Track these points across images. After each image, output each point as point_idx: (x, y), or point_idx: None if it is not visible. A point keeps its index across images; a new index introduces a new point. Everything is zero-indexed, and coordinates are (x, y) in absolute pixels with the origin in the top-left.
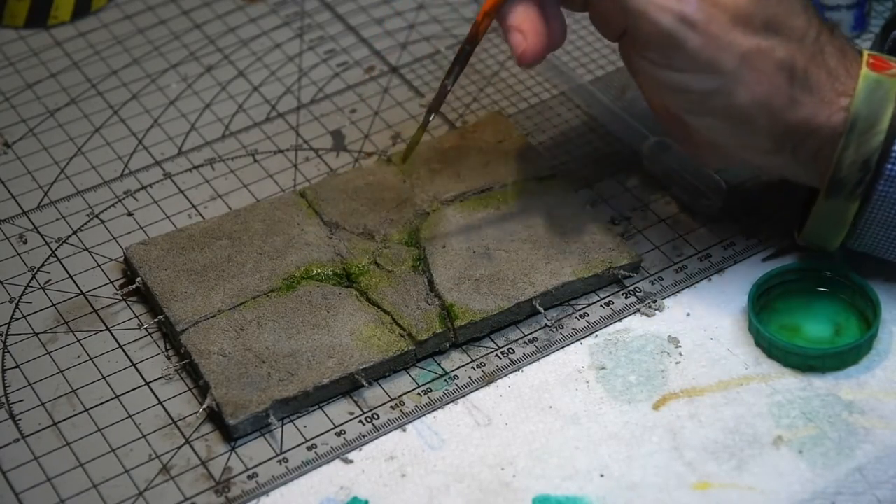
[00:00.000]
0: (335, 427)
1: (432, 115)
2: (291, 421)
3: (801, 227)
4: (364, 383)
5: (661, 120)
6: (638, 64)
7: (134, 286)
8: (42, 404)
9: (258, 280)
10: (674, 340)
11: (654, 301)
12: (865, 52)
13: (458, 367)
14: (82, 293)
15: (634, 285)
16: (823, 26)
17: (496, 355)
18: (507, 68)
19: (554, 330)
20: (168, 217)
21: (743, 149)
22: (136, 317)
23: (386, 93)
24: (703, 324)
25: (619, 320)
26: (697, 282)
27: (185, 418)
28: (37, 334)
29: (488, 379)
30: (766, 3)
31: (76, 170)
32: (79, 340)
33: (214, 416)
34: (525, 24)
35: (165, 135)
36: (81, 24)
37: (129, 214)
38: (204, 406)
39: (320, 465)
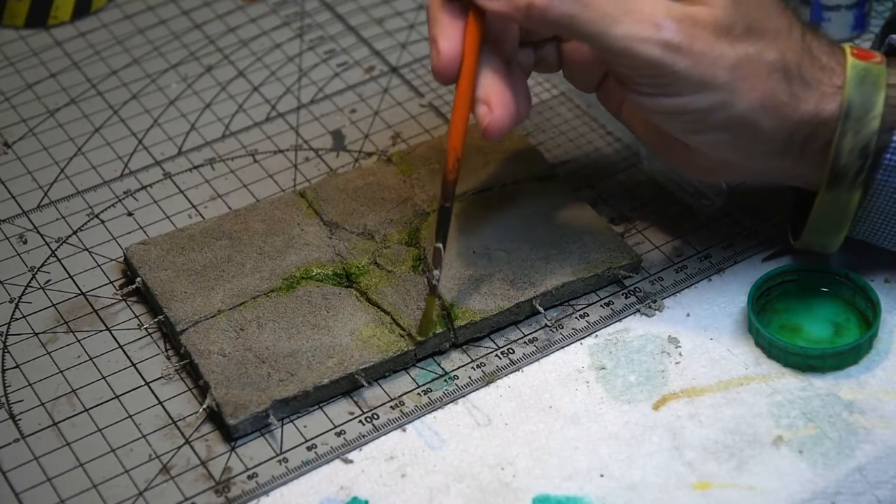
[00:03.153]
0: (335, 427)
1: (437, 277)
2: (291, 421)
3: (795, 233)
4: (364, 383)
5: (660, 152)
6: (630, 99)
7: (134, 286)
8: (42, 404)
9: (258, 280)
10: (674, 340)
11: (654, 301)
12: (847, 46)
13: (458, 367)
14: (82, 293)
15: (634, 285)
16: (805, 26)
17: (496, 355)
18: None
19: (554, 330)
20: (168, 217)
21: (751, 157)
22: (136, 317)
23: (386, 93)
24: (703, 324)
25: (619, 320)
26: (697, 282)
27: (185, 418)
28: (37, 334)
29: (488, 379)
30: (743, 10)
31: (76, 170)
32: (79, 340)
33: (214, 416)
34: (492, 96)
35: (165, 135)
36: (81, 24)
37: (129, 214)
38: (204, 406)
39: (320, 465)
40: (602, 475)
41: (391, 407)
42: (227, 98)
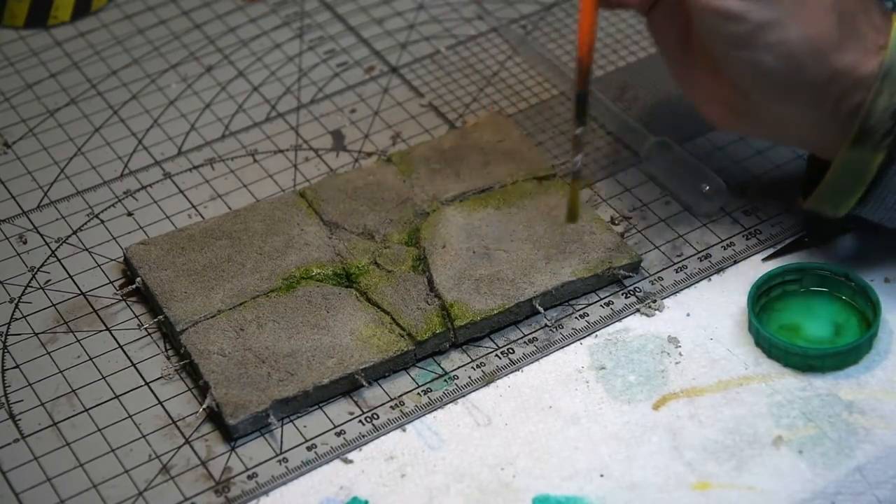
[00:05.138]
0: (335, 427)
1: (578, 162)
2: (291, 421)
3: (805, 194)
4: (364, 383)
5: (680, 71)
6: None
7: (134, 286)
8: (42, 404)
9: (258, 280)
10: (674, 340)
11: (654, 301)
12: None
13: (458, 367)
14: (82, 293)
15: (634, 285)
16: None
17: (496, 355)
18: (507, 68)
19: (554, 330)
20: (168, 217)
21: (784, 98)
22: (136, 317)
23: (386, 93)
24: (703, 324)
25: (619, 320)
26: (697, 282)
27: (185, 418)
28: (37, 334)
29: (488, 379)
30: None
31: (76, 170)
32: (79, 340)
33: (214, 416)
34: None
35: (165, 135)
36: (81, 24)
37: (129, 214)
38: (204, 406)
39: (320, 465)
40: (602, 475)
41: (391, 407)
42: (227, 98)
